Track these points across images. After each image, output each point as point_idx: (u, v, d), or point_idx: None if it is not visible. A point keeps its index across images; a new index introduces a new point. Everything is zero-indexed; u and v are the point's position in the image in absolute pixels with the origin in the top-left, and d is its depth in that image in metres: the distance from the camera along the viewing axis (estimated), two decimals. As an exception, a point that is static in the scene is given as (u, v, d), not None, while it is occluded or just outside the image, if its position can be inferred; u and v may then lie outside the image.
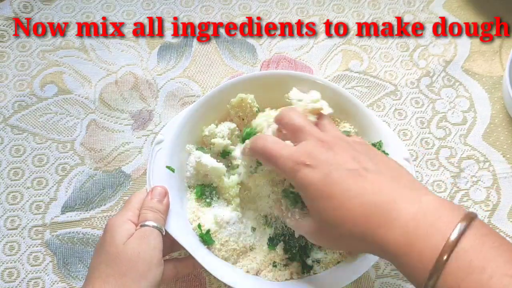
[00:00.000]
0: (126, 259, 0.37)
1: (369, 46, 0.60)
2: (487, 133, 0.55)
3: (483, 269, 0.27)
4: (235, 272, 0.42)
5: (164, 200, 0.42)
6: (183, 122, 0.45)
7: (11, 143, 0.53)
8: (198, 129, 0.47)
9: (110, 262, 0.37)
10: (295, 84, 0.44)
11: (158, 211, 0.41)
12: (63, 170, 0.52)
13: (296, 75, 0.47)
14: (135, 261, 0.37)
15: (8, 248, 0.49)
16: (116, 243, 0.38)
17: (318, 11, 0.62)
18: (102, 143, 0.54)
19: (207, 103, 0.46)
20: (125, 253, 0.37)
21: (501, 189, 0.52)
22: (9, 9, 0.60)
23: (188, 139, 0.46)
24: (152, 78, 0.57)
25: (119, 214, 0.41)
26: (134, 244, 0.38)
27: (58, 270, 0.48)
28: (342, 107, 0.46)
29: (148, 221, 0.39)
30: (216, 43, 0.60)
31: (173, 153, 0.44)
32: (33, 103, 0.55)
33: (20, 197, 0.51)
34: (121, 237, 0.38)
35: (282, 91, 0.43)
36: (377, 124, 0.46)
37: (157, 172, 0.43)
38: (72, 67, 0.58)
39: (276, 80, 0.47)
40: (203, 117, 0.46)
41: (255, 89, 0.46)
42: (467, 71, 0.59)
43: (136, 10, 0.61)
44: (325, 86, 0.46)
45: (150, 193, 0.42)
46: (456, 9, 0.63)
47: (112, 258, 0.37)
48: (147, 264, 0.38)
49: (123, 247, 0.38)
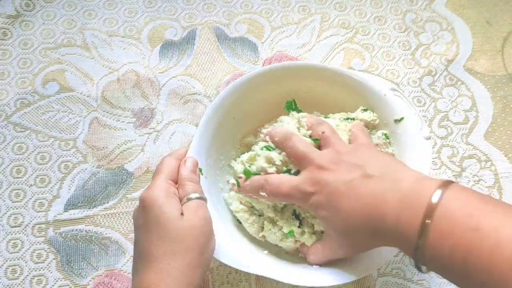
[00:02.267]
0: (188, 235, 0.36)
1: (371, 45, 0.60)
2: (489, 132, 0.55)
3: (470, 215, 0.30)
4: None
5: (196, 170, 0.43)
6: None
7: (14, 141, 0.54)
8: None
9: (171, 239, 0.36)
10: (315, 75, 0.48)
11: (197, 182, 0.41)
12: (66, 168, 0.53)
13: (321, 68, 0.48)
14: (196, 236, 0.37)
15: (11, 245, 0.49)
16: (172, 219, 0.37)
17: (320, 9, 0.62)
18: (105, 141, 0.54)
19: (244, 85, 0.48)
20: (185, 228, 0.37)
21: (503, 189, 0.53)
22: (11, 7, 0.60)
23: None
24: (154, 76, 0.58)
25: (158, 187, 0.39)
26: (191, 219, 0.37)
27: (62, 268, 0.48)
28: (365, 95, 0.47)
29: (193, 193, 0.40)
30: (218, 41, 0.60)
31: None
32: (35, 101, 0.56)
33: (23, 195, 0.51)
34: (175, 212, 0.37)
35: (298, 82, 0.47)
36: (393, 104, 0.46)
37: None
38: (74, 65, 0.58)
39: (296, 72, 0.47)
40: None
41: (272, 81, 0.48)
42: (469, 70, 0.59)
43: (138, 8, 0.61)
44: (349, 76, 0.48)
45: (184, 163, 0.42)
46: (458, 7, 0.63)
47: (173, 234, 0.36)
48: (206, 237, 0.38)
49: (182, 223, 0.37)
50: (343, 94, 0.48)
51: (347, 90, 0.48)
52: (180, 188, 0.40)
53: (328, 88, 0.48)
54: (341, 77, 0.47)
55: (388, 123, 0.46)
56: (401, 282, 0.48)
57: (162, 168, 0.41)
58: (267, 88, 0.48)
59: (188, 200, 0.39)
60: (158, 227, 0.37)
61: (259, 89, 0.48)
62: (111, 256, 0.49)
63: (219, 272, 0.48)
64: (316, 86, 0.49)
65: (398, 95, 0.46)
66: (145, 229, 0.37)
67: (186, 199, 0.39)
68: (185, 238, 0.36)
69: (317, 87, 0.49)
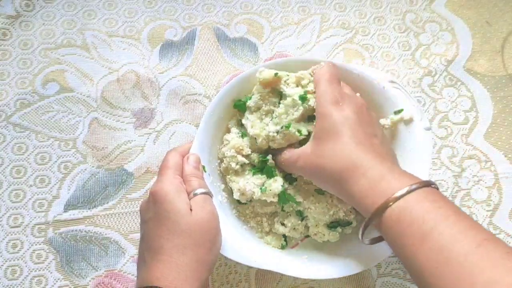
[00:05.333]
0: (197, 230, 0.37)
1: (371, 45, 0.60)
2: (488, 133, 0.55)
3: (424, 221, 0.32)
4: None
5: (199, 166, 0.43)
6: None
7: (14, 141, 0.54)
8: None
9: (181, 233, 0.37)
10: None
11: (201, 177, 0.42)
12: (66, 168, 0.53)
13: (321, 62, 0.48)
14: (205, 231, 0.37)
15: (11, 245, 0.49)
16: (182, 213, 0.37)
17: (320, 9, 0.62)
18: (104, 141, 0.54)
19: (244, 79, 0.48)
20: (194, 224, 0.37)
21: (503, 189, 0.53)
22: (11, 7, 0.60)
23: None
24: (154, 76, 0.58)
25: (168, 182, 0.39)
26: (199, 213, 0.38)
27: (61, 268, 0.48)
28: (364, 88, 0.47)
29: (198, 188, 0.40)
30: (218, 42, 0.60)
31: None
32: (35, 101, 0.56)
33: (22, 195, 0.51)
34: (184, 207, 0.38)
35: None
36: (392, 96, 0.47)
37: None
38: (74, 65, 0.58)
39: (297, 66, 0.47)
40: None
41: None
42: (469, 70, 0.59)
43: (138, 8, 0.61)
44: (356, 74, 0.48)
45: (187, 160, 0.43)
46: (458, 8, 0.63)
47: (183, 229, 0.37)
48: (214, 232, 0.38)
49: (191, 218, 0.37)
50: None
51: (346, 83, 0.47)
52: (185, 184, 0.41)
53: None
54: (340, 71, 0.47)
55: (387, 115, 0.47)
56: (401, 282, 0.48)
57: (169, 163, 0.42)
58: None
59: (195, 195, 0.39)
60: (168, 221, 0.37)
61: None
62: (111, 257, 0.49)
63: (219, 273, 0.48)
64: None
65: (397, 87, 0.46)
66: (155, 222, 0.38)
67: (193, 195, 0.39)
68: (195, 232, 0.37)
69: None
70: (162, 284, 0.34)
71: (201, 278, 0.36)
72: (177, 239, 0.36)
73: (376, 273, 0.49)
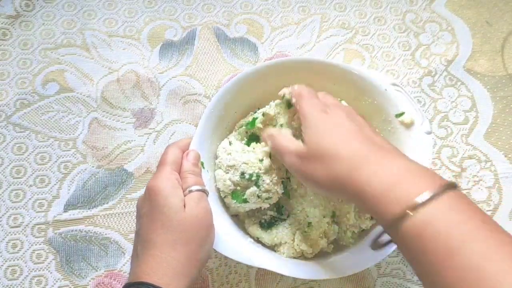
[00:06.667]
0: (189, 226, 0.37)
1: (371, 45, 0.60)
2: (488, 132, 0.55)
3: (450, 236, 0.28)
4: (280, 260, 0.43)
5: (198, 163, 0.43)
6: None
7: (14, 141, 0.54)
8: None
9: (173, 228, 0.37)
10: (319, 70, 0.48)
11: (198, 174, 0.42)
12: (66, 168, 0.53)
13: (322, 62, 0.49)
14: (197, 228, 0.38)
15: (11, 245, 0.49)
16: (175, 209, 0.37)
17: (320, 9, 0.62)
18: (104, 141, 0.54)
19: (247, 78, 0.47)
20: (187, 220, 0.37)
21: (503, 189, 0.53)
22: (11, 7, 0.60)
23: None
24: (153, 76, 0.58)
25: (164, 177, 0.39)
26: (193, 210, 0.38)
27: (61, 268, 0.48)
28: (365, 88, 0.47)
29: (194, 185, 0.40)
30: (217, 42, 0.60)
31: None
32: (35, 101, 0.56)
33: (22, 195, 0.51)
34: (178, 203, 0.38)
35: (299, 77, 0.45)
36: (394, 98, 0.46)
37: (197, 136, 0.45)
38: (74, 65, 0.58)
39: (298, 66, 0.47)
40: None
41: (273, 75, 0.48)
42: (469, 70, 0.59)
43: (138, 8, 0.61)
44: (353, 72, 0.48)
45: (186, 156, 0.43)
46: (458, 8, 0.63)
47: (175, 225, 0.37)
48: (207, 229, 0.38)
49: (184, 214, 0.37)
50: (344, 89, 0.48)
51: (347, 85, 0.48)
52: (182, 181, 0.41)
53: (328, 83, 0.49)
54: (341, 72, 0.47)
55: (388, 118, 0.46)
56: (401, 283, 0.48)
57: (167, 158, 0.42)
58: (268, 82, 0.48)
59: (190, 192, 0.40)
60: (162, 216, 0.37)
61: (261, 83, 0.48)
62: (111, 257, 0.49)
63: (219, 273, 0.48)
64: (317, 80, 0.49)
65: (399, 90, 0.46)
66: (149, 217, 0.38)
67: (188, 191, 0.40)
68: (187, 229, 0.37)
69: (317, 81, 0.49)
70: (151, 280, 0.35)
71: (191, 274, 0.36)
72: (169, 235, 0.37)
73: (376, 273, 0.49)
